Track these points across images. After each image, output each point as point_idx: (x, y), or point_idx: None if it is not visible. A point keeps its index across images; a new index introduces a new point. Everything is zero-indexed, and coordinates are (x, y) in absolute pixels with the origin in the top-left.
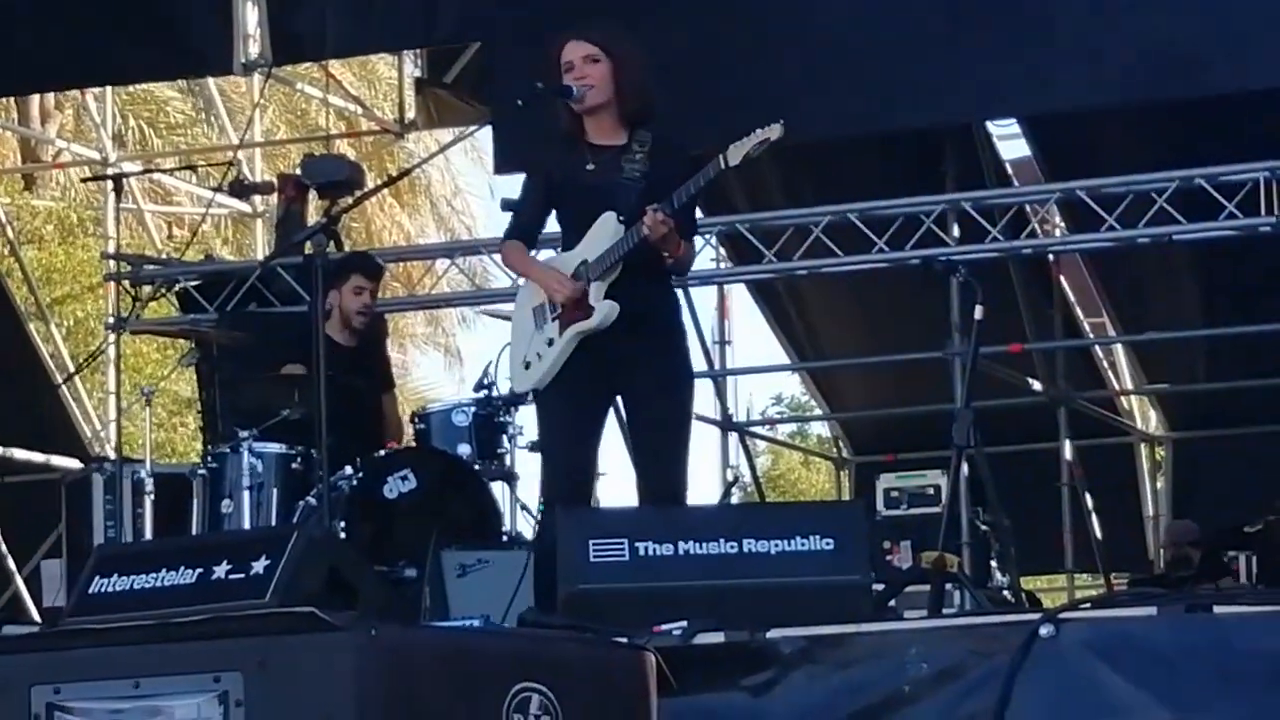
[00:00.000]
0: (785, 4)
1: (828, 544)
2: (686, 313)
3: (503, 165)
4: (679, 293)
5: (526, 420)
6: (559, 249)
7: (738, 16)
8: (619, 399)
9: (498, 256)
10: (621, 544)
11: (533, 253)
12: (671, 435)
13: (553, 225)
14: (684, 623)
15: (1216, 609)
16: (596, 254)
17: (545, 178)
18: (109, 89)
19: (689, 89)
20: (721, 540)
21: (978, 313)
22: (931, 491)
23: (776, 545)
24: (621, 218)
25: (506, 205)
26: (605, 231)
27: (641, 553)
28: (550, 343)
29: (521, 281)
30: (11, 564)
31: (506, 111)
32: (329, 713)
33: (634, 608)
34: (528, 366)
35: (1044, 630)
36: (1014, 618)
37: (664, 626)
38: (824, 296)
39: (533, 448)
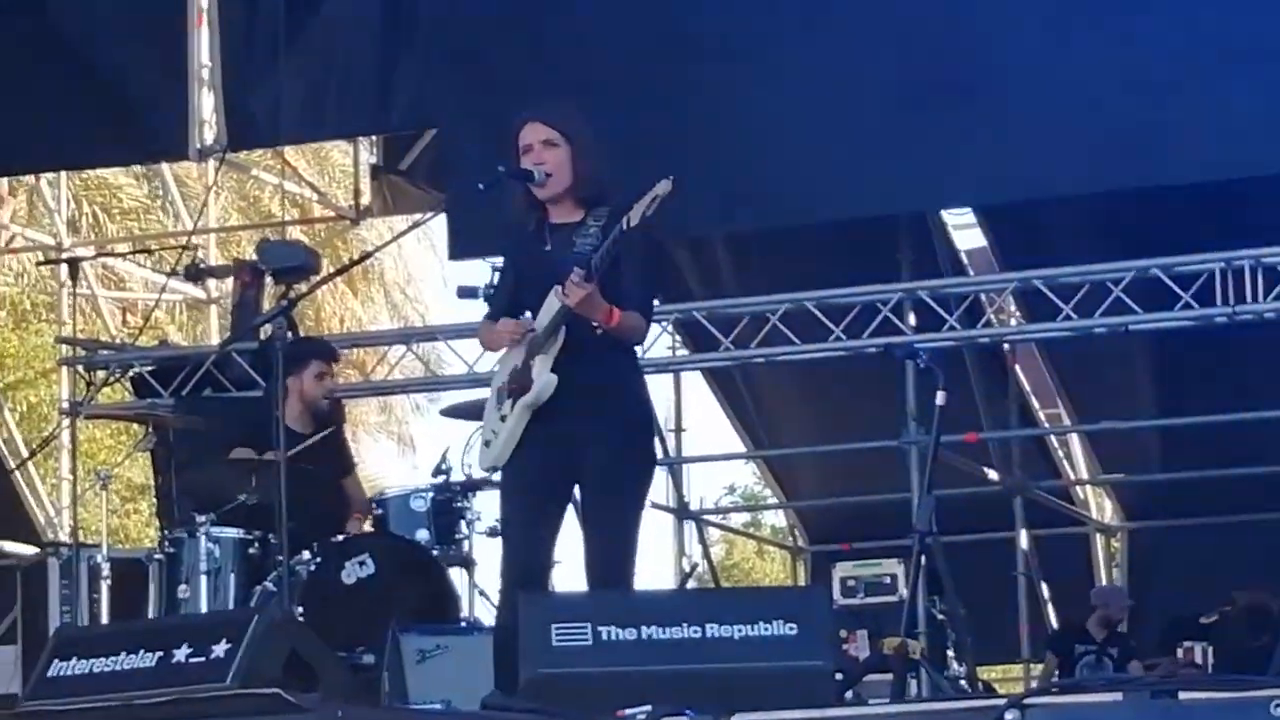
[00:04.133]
0: (739, 91)
1: (791, 629)
2: None
3: (457, 251)
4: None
5: (485, 506)
6: None
7: (692, 104)
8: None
9: (453, 343)
10: (584, 628)
11: None
12: (622, 520)
13: None
14: (648, 707)
15: (1181, 695)
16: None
17: (513, 262)
18: (63, 174)
19: (636, 175)
20: (684, 625)
21: (939, 398)
22: (888, 580)
23: (740, 630)
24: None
25: (462, 292)
26: (552, 305)
27: (604, 637)
28: (504, 419)
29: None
30: None
31: (461, 198)
32: None
33: (597, 692)
34: (487, 445)
35: (1009, 716)
36: (980, 703)
37: (627, 711)
38: (780, 385)
39: (492, 533)
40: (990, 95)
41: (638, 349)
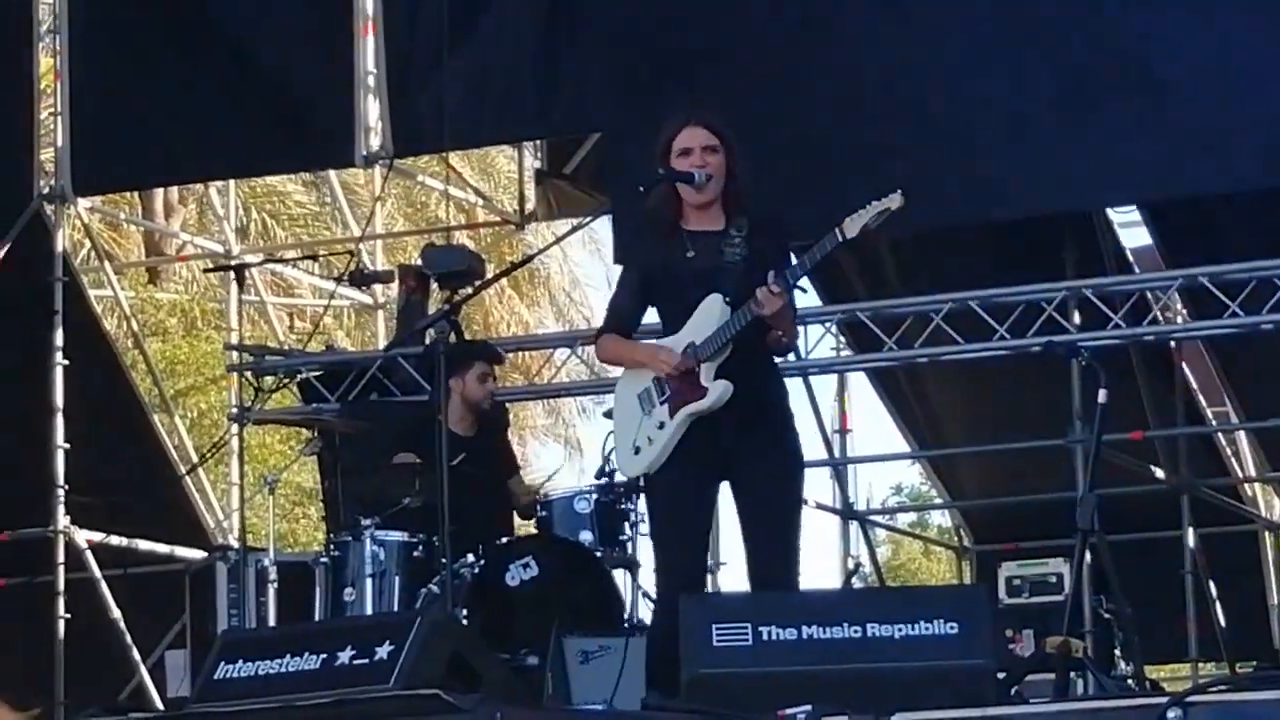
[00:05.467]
0: (901, 92)
1: (952, 628)
2: (807, 400)
3: (622, 255)
4: (796, 380)
5: None
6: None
7: (851, 107)
8: (728, 484)
9: None
10: (745, 628)
11: None
12: (782, 521)
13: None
14: (808, 707)
15: None
16: (704, 335)
17: (643, 271)
18: (232, 182)
19: (801, 179)
20: (845, 624)
21: (1101, 396)
22: (1054, 580)
23: (900, 629)
24: (728, 299)
25: None
26: (712, 313)
27: (765, 637)
28: (661, 426)
29: (620, 371)
30: (136, 655)
31: (626, 201)
32: None
33: (757, 692)
34: (637, 451)
35: (1172, 714)
36: (1141, 701)
37: (788, 711)
38: (945, 384)
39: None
40: (1155, 91)
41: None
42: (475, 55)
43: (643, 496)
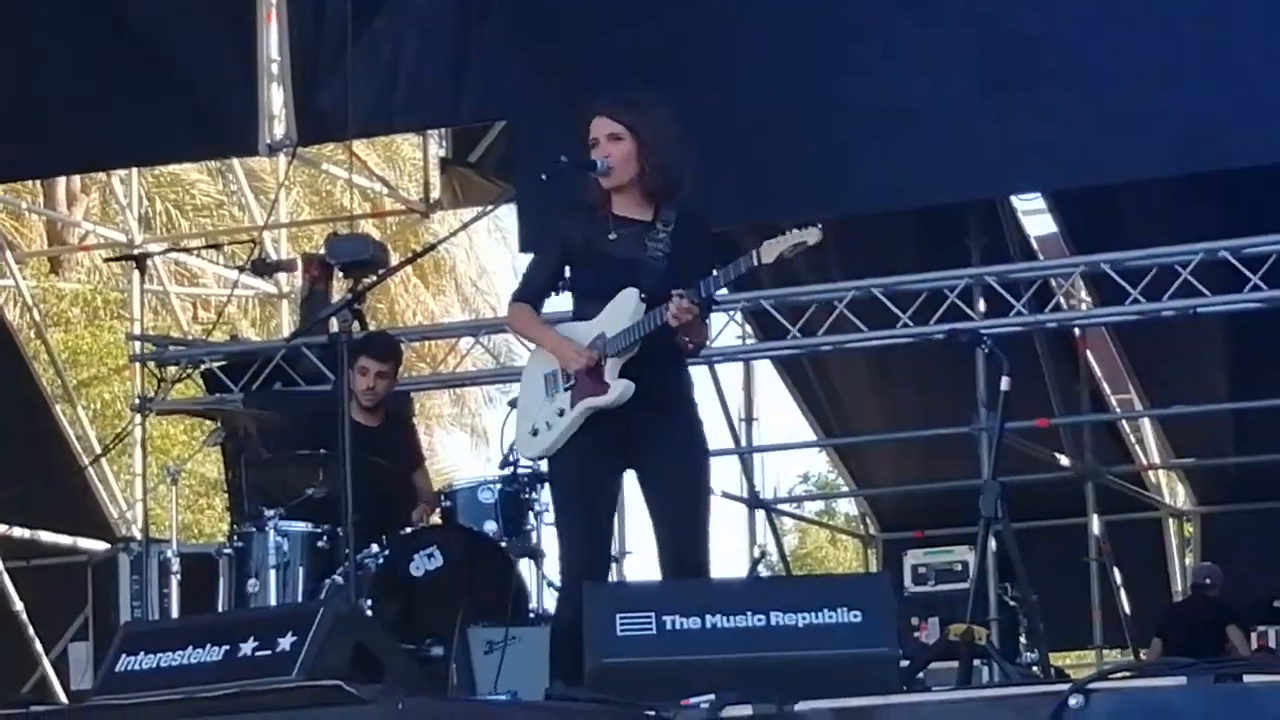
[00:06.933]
0: (811, 81)
1: (855, 616)
2: (713, 389)
3: (527, 243)
4: (702, 369)
5: None
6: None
7: (763, 94)
8: (633, 473)
9: None
10: (648, 617)
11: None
12: (691, 507)
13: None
14: (712, 696)
15: (1246, 678)
16: (615, 330)
17: (562, 243)
18: (135, 171)
19: (712, 165)
20: (749, 613)
21: (1004, 383)
22: (959, 568)
23: (804, 618)
24: (643, 296)
25: None
26: (626, 309)
27: (668, 626)
28: (561, 413)
29: (531, 345)
30: (39, 647)
31: (531, 189)
32: None
33: (661, 681)
34: (535, 434)
35: (1073, 701)
36: (1043, 688)
37: (692, 700)
38: (849, 372)
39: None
40: (1061, 80)
41: None
42: (381, 42)
43: (546, 487)
